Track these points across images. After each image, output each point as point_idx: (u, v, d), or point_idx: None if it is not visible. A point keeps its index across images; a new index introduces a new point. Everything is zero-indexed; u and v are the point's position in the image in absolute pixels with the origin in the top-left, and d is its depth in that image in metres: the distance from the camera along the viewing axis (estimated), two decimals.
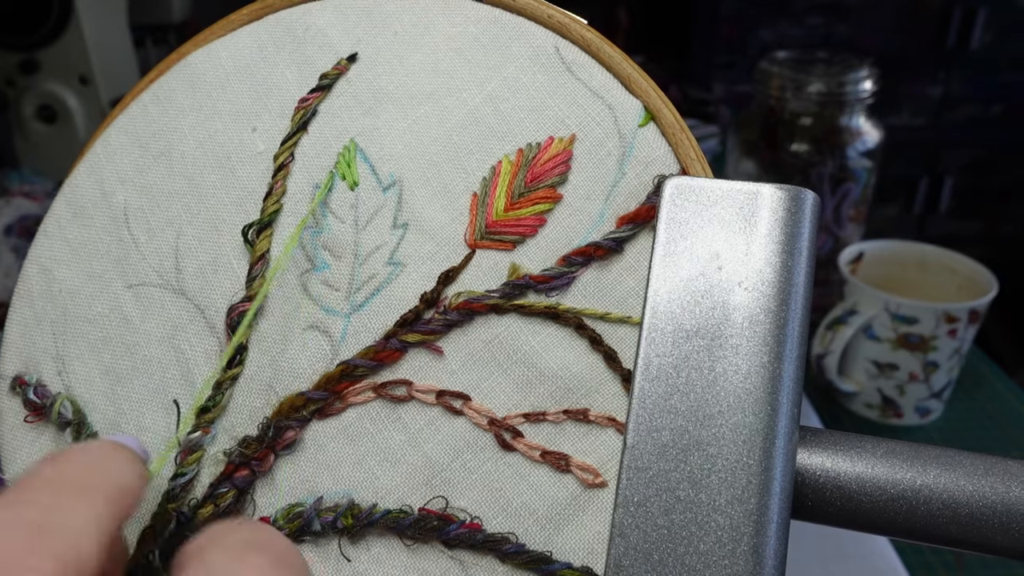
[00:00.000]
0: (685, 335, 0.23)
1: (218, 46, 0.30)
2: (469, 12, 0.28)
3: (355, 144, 0.28)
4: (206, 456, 0.27)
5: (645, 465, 0.22)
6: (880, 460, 0.23)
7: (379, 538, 0.25)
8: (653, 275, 0.23)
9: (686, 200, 0.24)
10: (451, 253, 0.26)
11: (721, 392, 0.22)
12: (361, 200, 0.27)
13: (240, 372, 0.27)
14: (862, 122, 0.80)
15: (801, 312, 0.23)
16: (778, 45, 1.36)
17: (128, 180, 0.30)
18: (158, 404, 0.27)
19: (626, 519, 0.22)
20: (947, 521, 0.22)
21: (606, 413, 0.25)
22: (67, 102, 0.90)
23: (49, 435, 0.28)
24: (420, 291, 0.26)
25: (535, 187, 0.26)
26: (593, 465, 0.25)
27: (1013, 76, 1.47)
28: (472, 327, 0.26)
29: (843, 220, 0.81)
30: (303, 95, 0.29)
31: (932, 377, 0.69)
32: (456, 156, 0.27)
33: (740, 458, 0.21)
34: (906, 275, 0.75)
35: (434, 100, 0.28)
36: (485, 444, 0.25)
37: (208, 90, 0.30)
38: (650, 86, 0.26)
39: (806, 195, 0.23)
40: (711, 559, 0.21)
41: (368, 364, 0.26)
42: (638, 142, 0.26)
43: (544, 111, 0.27)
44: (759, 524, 0.21)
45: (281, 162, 0.28)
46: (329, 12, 0.29)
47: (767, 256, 0.23)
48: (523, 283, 0.26)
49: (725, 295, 0.23)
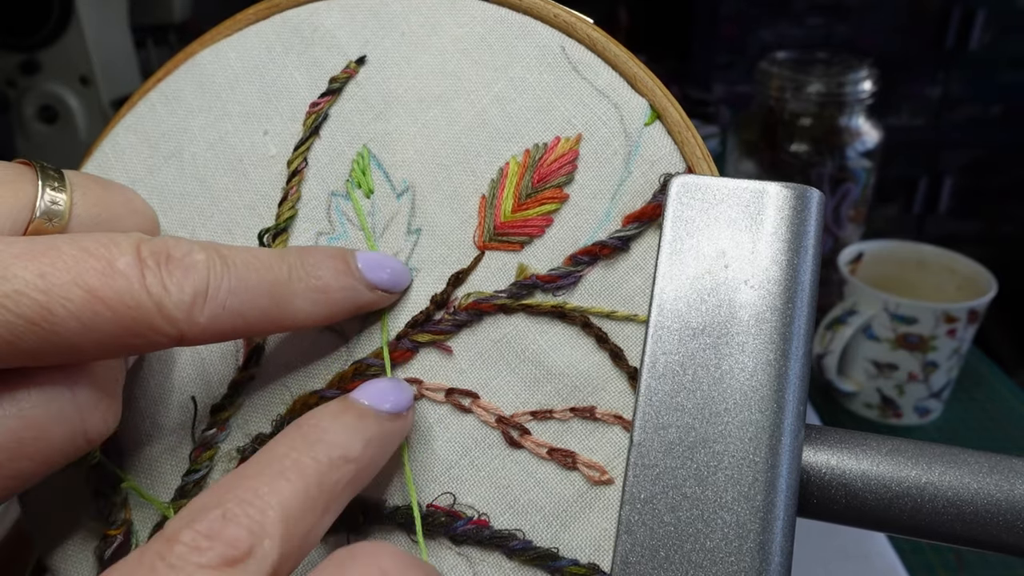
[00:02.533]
0: (691, 333, 0.23)
1: (226, 46, 0.30)
2: (475, 12, 0.28)
3: (368, 151, 0.28)
4: (220, 453, 0.27)
5: (651, 462, 0.22)
6: (885, 458, 0.23)
7: (387, 534, 0.26)
8: (659, 273, 0.23)
9: (692, 198, 0.24)
10: (461, 256, 0.27)
11: (727, 389, 0.22)
12: (376, 207, 0.28)
13: (256, 372, 0.27)
14: (862, 122, 0.80)
15: (807, 310, 0.23)
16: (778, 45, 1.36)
17: (139, 180, 0.30)
18: (174, 402, 0.27)
19: (632, 516, 0.22)
20: (952, 518, 0.22)
21: (612, 411, 0.25)
22: (68, 103, 0.90)
23: None
24: (432, 293, 0.27)
25: (542, 187, 0.26)
26: (599, 462, 0.25)
27: (1012, 76, 1.48)
28: (481, 327, 0.26)
29: (843, 220, 0.82)
30: (314, 99, 0.29)
31: (931, 377, 0.69)
32: (465, 159, 0.27)
33: (746, 455, 0.22)
34: (905, 275, 0.75)
35: (443, 103, 0.28)
36: (493, 441, 0.25)
37: (217, 91, 0.30)
38: (656, 85, 0.26)
39: (812, 193, 0.23)
40: (717, 556, 0.21)
41: (380, 363, 0.26)
42: (644, 141, 0.26)
43: (550, 111, 0.27)
44: (765, 521, 0.21)
45: (295, 168, 0.28)
46: (336, 12, 0.29)
47: (773, 254, 0.23)
48: (530, 283, 0.26)
49: (731, 293, 0.23)
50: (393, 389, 0.24)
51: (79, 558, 0.27)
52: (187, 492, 0.26)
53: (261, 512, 0.19)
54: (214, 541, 0.18)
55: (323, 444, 0.21)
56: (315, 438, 0.21)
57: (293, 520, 0.19)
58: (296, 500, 0.19)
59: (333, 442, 0.21)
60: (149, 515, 0.27)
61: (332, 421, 0.22)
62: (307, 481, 0.20)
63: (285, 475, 0.20)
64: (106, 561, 0.26)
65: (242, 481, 0.20)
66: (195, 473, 0.26)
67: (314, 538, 0.20)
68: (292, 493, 0.19)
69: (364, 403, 0.23)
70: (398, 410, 0.24)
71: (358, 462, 0.21)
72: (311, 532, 0.20)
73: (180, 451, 0.27)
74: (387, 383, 0.24)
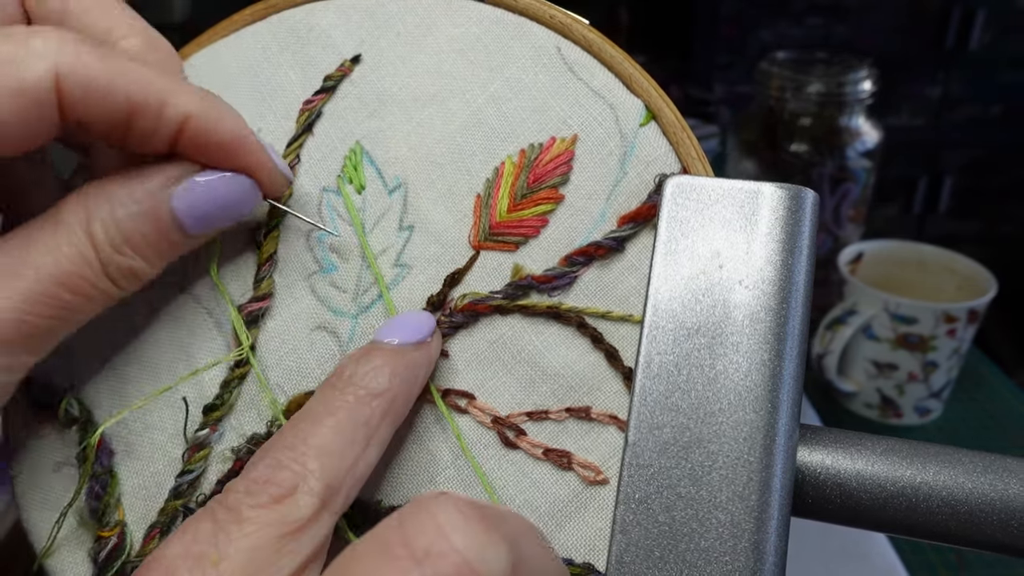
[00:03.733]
0: (686, 333, 0.23)
1: (221, 47, 0.30)
2: (471, 13, 0.28)
3: (361, 147, 0.28)
4: (213, 454, 0.27)
5: (646, 462, 0.22)
6: (880, 457, 0.23)
7: None
8: (654, 273, 0.23)
9: (687, 199, 0.24)
10: (456, 255, 0.27)
11: (722, 389, 0.22)
12: (368, 203, 0.28)
13: (248, 371, 0.27)
14: (861, 122, 0.80)
15: (801, 310, 0.23)
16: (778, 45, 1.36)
17: None
18: (165, 402, 0.27)
19: (627, 516, 0.22)
20: (946, 518, 0.22)
21: (608, 411, 0.25)
22: None
23: (57, 432, 0.28)
24: (426, 292, 0.27)
25: (537, 188, 0.26)
26: (595, 462, 0.25)
27: (1013, 76, 1.48)
28: (477, 328, 0.26)
29: (842, 220, 0.82)
30: (307, 97, 0.29)
31: (931, 377, 0.69)
32: (460, 158, 0.27)
33: (741, 455, 0.22)
34: (905, 275, 0.75)
35: (438, 102, 0.28)
36: (489, 442, 0.25)
37: (212, 90, 0.30)
38: (651, 85, 0.26)
39: (806, 194, 0.23)
40: (712, 555, 0.21)
41: None
42: (639, 141, 0.26)
43: (546, 111, 0.27)
44: (760, 521, 0.21)
45: (287, 164, 0.28)
46: (332, 13, 0.29)
47: (768, 254, 0.23)
48: (526, 283, 0.26)
49: (726, 293, 0.23)
50: (412, 319, 0.25)
51: (74, 560, 0.27)
52: (181, 493, 0.26)
53: (302, 455, 0.21)
54: (264, 484, 0.21)
55: (350, 386, 0.23)
56: (343, 383, 0.23)
57: (333, 455, 0.22)
58: (332, 438, 0.22)
59: (359, 383, 0.23)
60: (143, 515, 0.27)
61: (356, 365, 0.24)
62: (339, 420, 0.22)
63: (320, 420, 0.22)
64: (100, 562, 0.26)
65: (285, 433, 0.22)
66: (189, 474, 0.26)
67: (361, 470, 0.22)
68: (328, 434, 0.22)
69: (383, 340, 0.25)
70: (419, 339, 0.25)
71: (386, 395, 0.23)
72: (356, 464, 0.22)
73: (173, 452, 0.27)
74: (406, 316, 0.26)
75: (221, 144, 0.24)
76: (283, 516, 0.20)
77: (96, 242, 0.23)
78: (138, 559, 0.26)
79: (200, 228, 0.24)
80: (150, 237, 0.23)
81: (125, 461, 0.27)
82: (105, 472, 0.27)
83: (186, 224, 0.24)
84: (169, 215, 0.24)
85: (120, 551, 0.26)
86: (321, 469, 0.21)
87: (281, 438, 0.22)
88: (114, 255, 0.23)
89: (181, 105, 0.23)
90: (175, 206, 0.24)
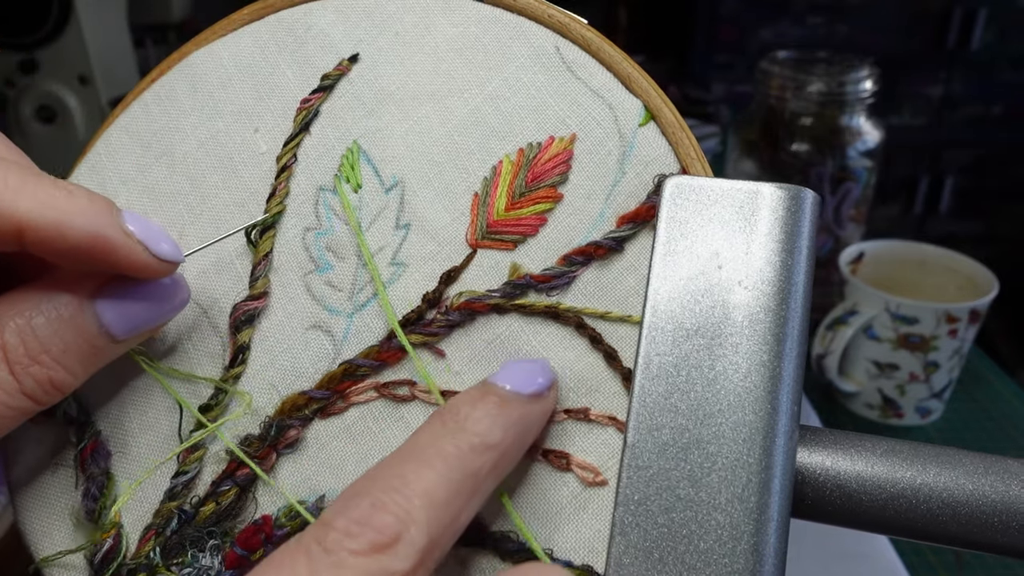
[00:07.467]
0: (685, 334, 0.23)
1: (219, 46, 0.30)
2: (470, 12, 0.28)
3: (358, 146, 0.28)
4: (208, 454, 0.27)
5: (645, 463, 0.22)
6: (880, 459, 0.23)
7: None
8: (653, 274, 0.23)
9: (686, 199, 0.24)
10: (453, 253, 0.27)
11: (721, 390, 0.22)
12: (364, 201, 0.27)
13: (243, 371, 0.27)
14: (862, 122, 0.80)
15: (801, 311, 0.23)
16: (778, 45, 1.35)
17: (130, 180, 0.30)
18: (161, 403, 0.27)
19: (626, 517, 0.22)
20: (947, 519, 0.22)
21: (607, 412, 0.25)
22: (66, 102, 0.90)
23: (53, 433, 0.28)
24: (422, 290, 0.26)
25: (536, 187, 0.26)
26: (593, 464, 0.25)
27: (1013, 76, 1.48)
28: (474, 327, 0.26)
29: (843, 220, 0.81)
30: (305, 95, 0.29)
31: (933, 377, 0.69)
32: (457, 156, 0.27)
33: (740, 456, 0.22)
34: (906, 275, 0.75)
35: (435, 101, 0.28)
36: None
37: (210, 90, 0.30)
38: (650, 85, 0.26)
39: (806, 194, 0.23)
40: (711, 557, 0.21)
41: (370, 364, 0.26)
42: (638, 141, 0.26)
43: (545, 111, 0.27)
44: (759, 522, 0.21)
45: (284, 163, 0.28)
46: (330, 12, 0.29)
47: (767, 255, 0.23)
48: (524, 283, 0.26)
49: (725, 294, 0.23)
50: (533, 370, 0.24)
51: (70, 561, 0.27)
52: (177, 494, 0.26)
53: (407, 499, 0.20)
54: (364, 527, 0.19)
55: (464, 432, 0.22)
56: (456, 426, 0.22)
57: (439, 506, 0.20)
58: (441, 487, 0.20)
59: (474, 430, 0.22)
60: (139, 517, 0.27)
61: (472, 408, 0.22)
62: (450, 468, 0.21)
63: (429, 463, 0.21)
64: (96, 564, 0.26)
65: (389, 470, 0.21)
66: (184, 475, 0.26)
67: (461, 523, 0.21)
68: (436, 480, 0.20)
69: (504, 387, 0.23)
70: (539, 391, 0.24)
71: (499, 447, 0.22)
72: (458, 518, 0.21)
73: (168, 453, 0.27)
74: (527, 364, 0.24)
75: (77, 248, 0.21)
76: (382, 568, 0.19)
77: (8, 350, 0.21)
78: (134, 562, 0.26)
79: (129, 332, 0.23)
80: (72, 344, 0.22)
81: (120, 462, 0.27)
82: (102, 473, 0.27)
83: (113, 329, 0.23)
84: (95, 320, 0.22)
85: (116, 553, 0.26)
86: (427, 521, 0.20)
87: (386, 472, 0.20)
88: (30, 365, 0.21)
89: (17, 214, 0.20)
90: (99, 311, 0.22)
